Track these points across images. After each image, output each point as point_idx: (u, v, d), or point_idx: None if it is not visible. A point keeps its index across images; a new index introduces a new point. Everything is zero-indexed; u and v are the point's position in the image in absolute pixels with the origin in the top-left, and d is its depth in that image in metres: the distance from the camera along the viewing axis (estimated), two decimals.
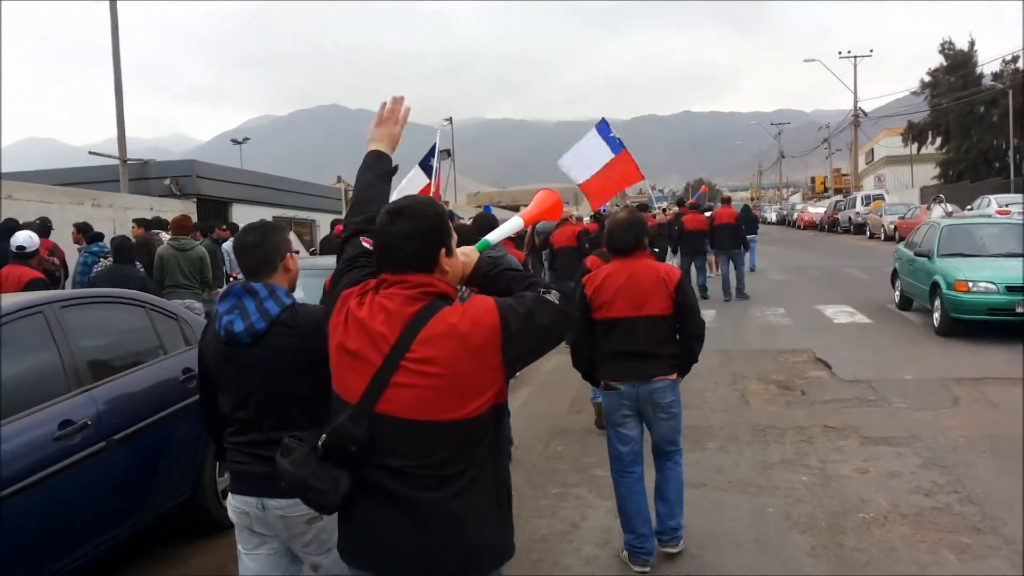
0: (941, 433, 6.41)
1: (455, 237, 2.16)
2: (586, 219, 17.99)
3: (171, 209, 13.42)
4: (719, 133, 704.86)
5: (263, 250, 2.74)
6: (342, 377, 2.06)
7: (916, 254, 11.97)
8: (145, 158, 14.33)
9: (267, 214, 16.19)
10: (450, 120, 36.38)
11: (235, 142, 63.29)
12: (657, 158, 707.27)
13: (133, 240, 9.14)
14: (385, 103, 2.57)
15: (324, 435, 2.01)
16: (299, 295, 2.90)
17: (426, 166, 10.91)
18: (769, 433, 6.62)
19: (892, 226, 31.60)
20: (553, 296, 2.12)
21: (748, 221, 19.34)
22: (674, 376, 4.20)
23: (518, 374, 7.66)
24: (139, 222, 10.48)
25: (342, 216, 19.92)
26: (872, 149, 66.29)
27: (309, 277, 8.16)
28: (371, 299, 2.05)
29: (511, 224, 2.62)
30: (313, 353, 2.41)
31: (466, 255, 2.23)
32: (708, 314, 12.74)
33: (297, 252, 3.17)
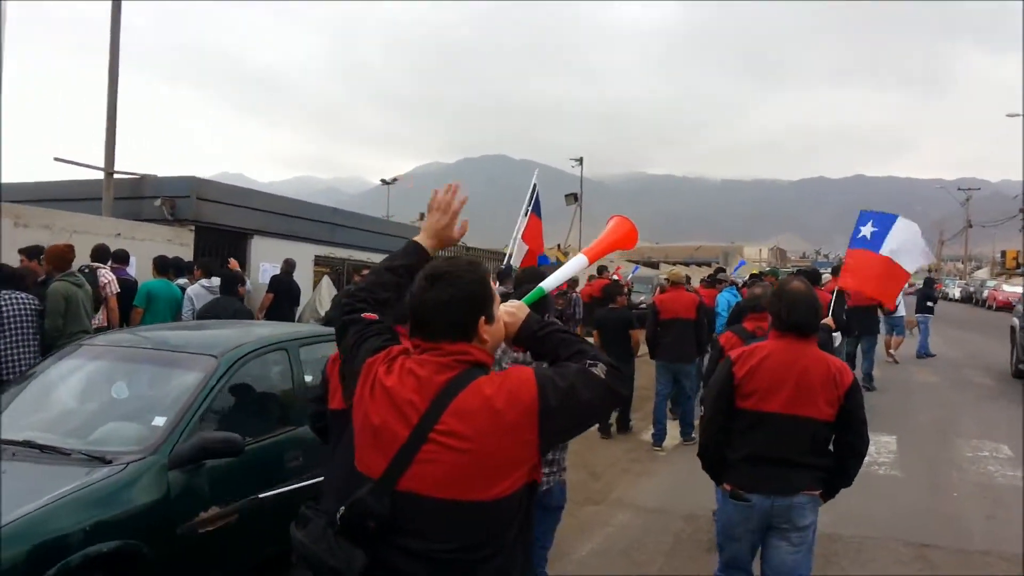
0: None
1: (498, 301, 2.05)
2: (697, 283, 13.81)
3: (152, 237, 10.30)
4: (894, 199, 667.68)
5: None
6: (365, 452, 1.95)
7: None
8: (142, 172, 11.33)
9: (306, 252, 12.86)
10: (580, 160, 32.74)
11: (384, 182, 62.31)
12: (823, 222, 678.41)
13: None
14: (438, 190, 2.36)
15: (343, 508, 1.88)
16: None
17: (538, 211, 10.03)
18: None
19: None
20: (600, 369, 1.98)
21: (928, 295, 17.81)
22: (819, 493, 3.48)
23: None
24: (27, 251, 7.32)
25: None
26: None
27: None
28: (401, 365, 1.95)
29: (574, 264, 2.51)
30: None
31: (511, 313, 2.10)
32: (886, 442, 8.41)
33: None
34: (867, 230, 7.39)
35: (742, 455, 3.49)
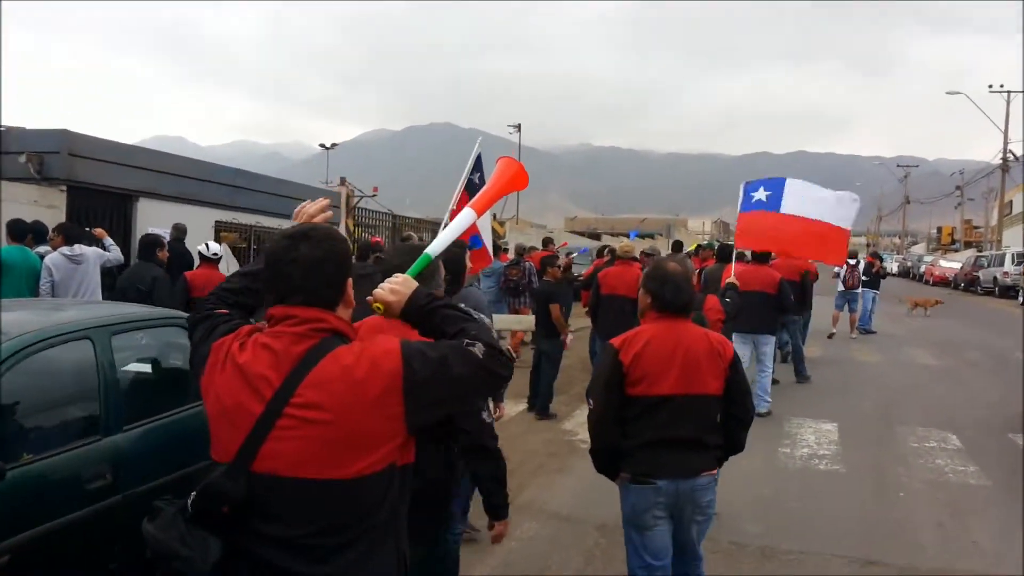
0: None
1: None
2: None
3: (15, 198, 9.05)
4: (836, 175, 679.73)
5: None
6: (218, 437, 1.83)
7: None
8: (6, 124, 9.92)
9: (204, 217, 11.70)
10: (518, 127, 31.69)
11: (323, 147, 60.20)
12: None
13: None
14: (309, 202, 2.37)
15: (193, 493, 1.76)
16: None
17: (470, 183, 8.67)
18: None
19: None
20: (479, 348, 1.85)
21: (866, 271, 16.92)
22: (716, 472, 3.51)
23: None
24: None
25: (340, 226, 15.41)
26: (1011, 202, 57.78)
27: None
28: (254, 341, 1.85)
29: (460, 220, 2.35)
30: None
31: (395, 291, 2.00)
32: (828, 431, 7.76)
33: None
34: (760, 195, 7.52)
35: (640, 442, 3.39)
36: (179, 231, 10.08)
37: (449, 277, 3.50)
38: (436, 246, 2.31)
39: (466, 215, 2.37)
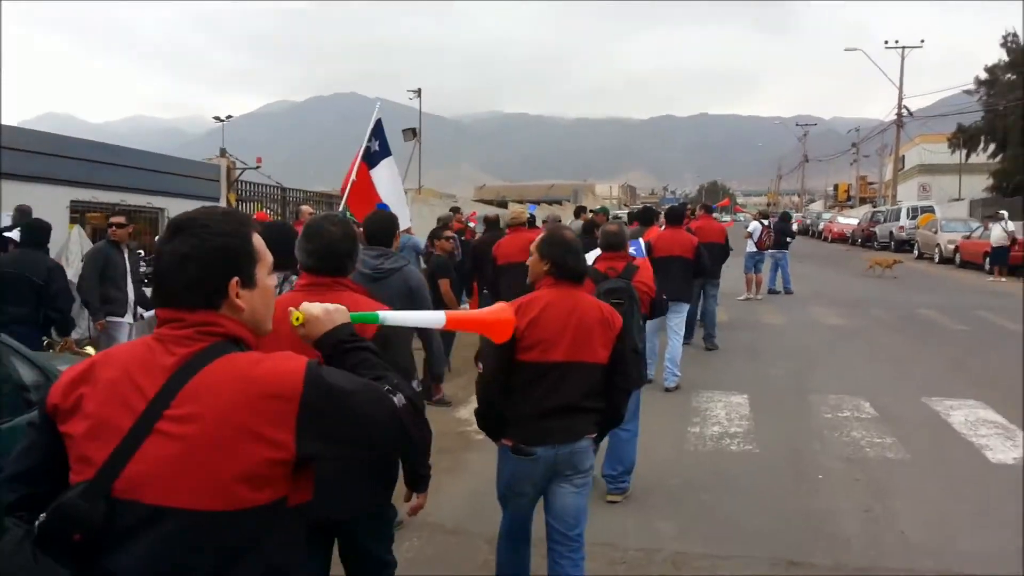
0: None
1: (266, 262, 1.65)
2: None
3: None
4: (736, 136, 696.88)
5: None
6: (80, 456, 1.51)
7: None
8: None
9: (57, 197, 10.45)
10: (418, 92, 30.52)
11: (218, 119, 57.59)
12: (673, 159, 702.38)
13: None
14: None
15: (43, 515, 1.46)
16: None
17: (370, 153, 8.51)
18: None
19: (952, 247, 25.84)
20: (398, 399, 1.61)
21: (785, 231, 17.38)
22: (594, 436, 3.51)
23: None
24: None
25: (221, 201, 14.29)
26: (903, 156, 59.75)
27: None
28: (132, 344, 1.63)
29: (425, 316, 2.33)
30: None
31: (328, 312, 1.82)
32: (738, 404, 7.28)
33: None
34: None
35: (527, 409, 3.36)
36: (23, 214, 8.90)
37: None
38: (390, 317, 2.13)
39: (435, 315, 2.20)
